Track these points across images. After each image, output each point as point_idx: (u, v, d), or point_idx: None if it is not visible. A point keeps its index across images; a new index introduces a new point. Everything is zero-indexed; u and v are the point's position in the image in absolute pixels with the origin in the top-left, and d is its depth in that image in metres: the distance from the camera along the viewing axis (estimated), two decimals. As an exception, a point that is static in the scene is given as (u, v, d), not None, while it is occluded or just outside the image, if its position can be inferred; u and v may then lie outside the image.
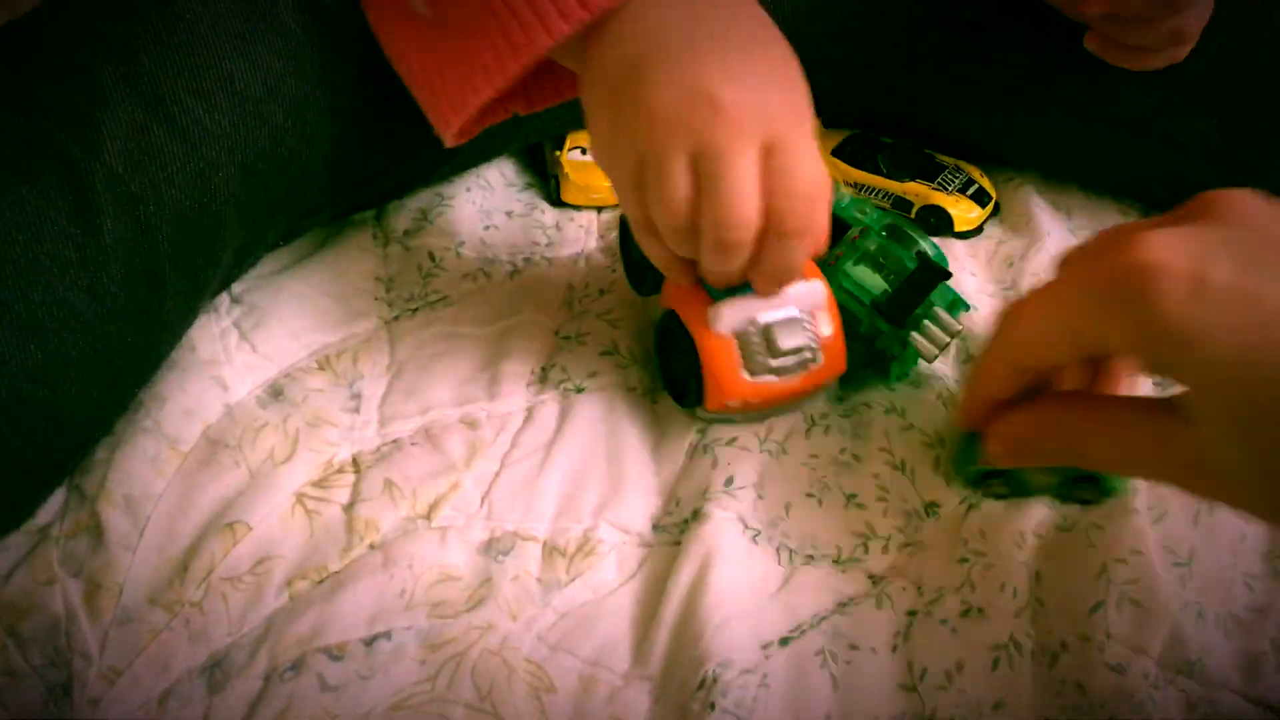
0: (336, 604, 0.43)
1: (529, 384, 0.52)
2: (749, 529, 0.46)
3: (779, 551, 0.46)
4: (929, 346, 0.50)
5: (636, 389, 0.52)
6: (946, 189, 0.62)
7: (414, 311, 0.55)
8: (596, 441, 0.49)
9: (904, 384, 0.53)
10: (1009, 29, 0.61)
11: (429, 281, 0.56)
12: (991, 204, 0.63)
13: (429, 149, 0.52)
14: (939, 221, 0.62)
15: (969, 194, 0.62)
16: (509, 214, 0.61)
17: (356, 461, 0.48)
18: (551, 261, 0.59)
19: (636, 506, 0.47)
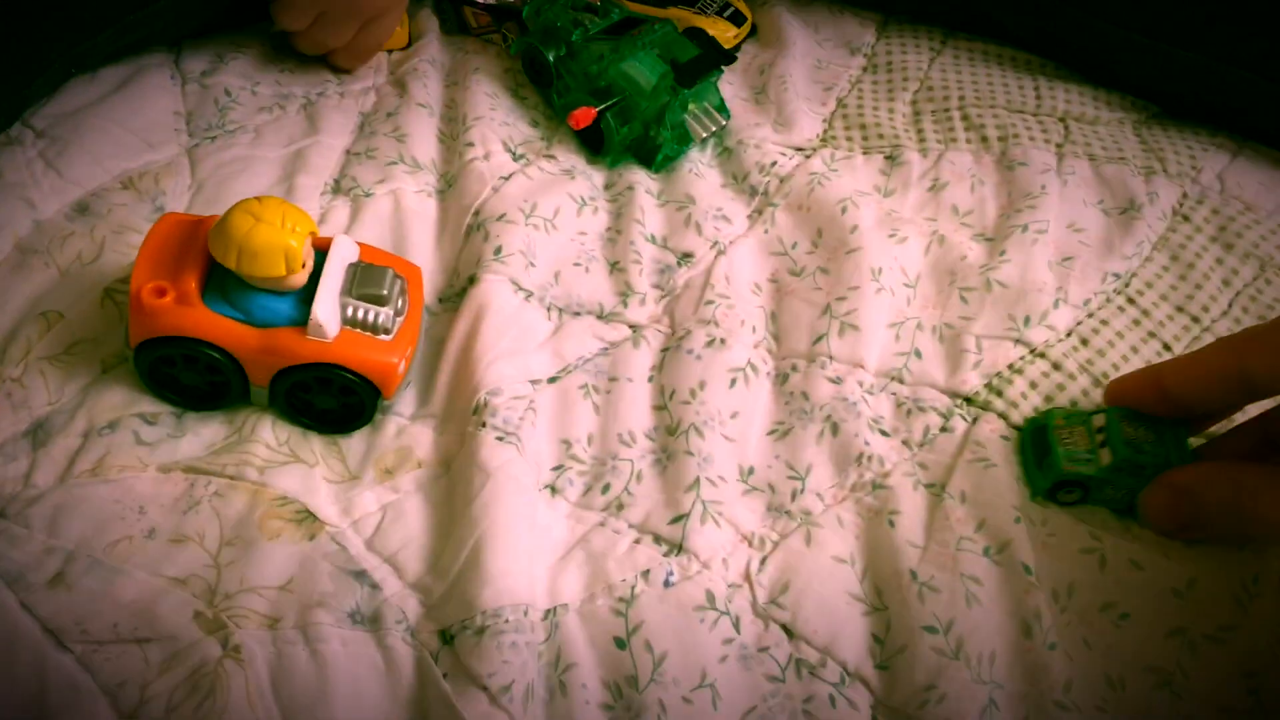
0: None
1: (322, 193, 0.57)
2: (521, 290, 0.53)
3: (549, 310, 0.53)
4: (699, 129, 0.59)
5: (423, 191, 0.58)
6: (705, 12, 0.69)
7: (212, 139, 0.59)
8: (384, 232, 0.55)
9: (662, 172, 0.60)
10: None
11: (225, 114, 0.60)
12: (748, 25, 0.70)
13: None
14: (700, 43, 0.68)
15: (725, 15, 0.69)
16: (301, 60, 0.66)
17: (163, 264, 0.53)
18: (344, 95, 0.64)
19: (424, 285, 0.53)
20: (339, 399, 0.47)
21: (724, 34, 0.68)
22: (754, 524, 0.47)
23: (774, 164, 0.61)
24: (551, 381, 0.50)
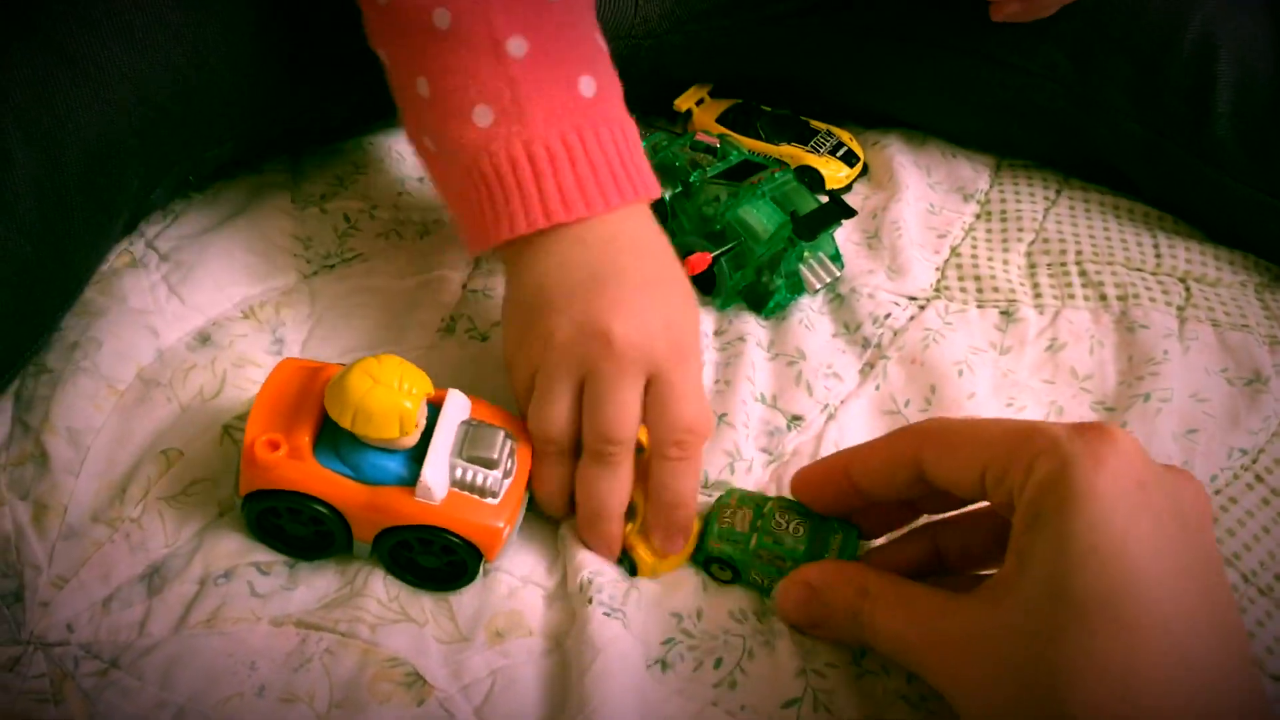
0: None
1: (437, 330, 0.57)
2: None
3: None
4: (813, 279, 0.59)
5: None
6: (818, 151, 0.68)
7: (331, 268, 0.60)
8: (496, 380, 0.55)
9: (772, 320, 0.60)
10: None
11: (345, 240, 0.61)
12: (860, 165, 0.69)
13: (331, 103, 0.59)
14: (812, 181, 0.68)
15: (839, 155, 0.69)
16: (421, 180, 0.66)
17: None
18: (459, 222, 0.64)
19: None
20: (441, 558, 0.46)
21: (836, 173, 0.68)
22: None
23: (888, 315, 0.60)
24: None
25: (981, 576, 0.45)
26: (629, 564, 0.48)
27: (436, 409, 0.46)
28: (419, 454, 0.45)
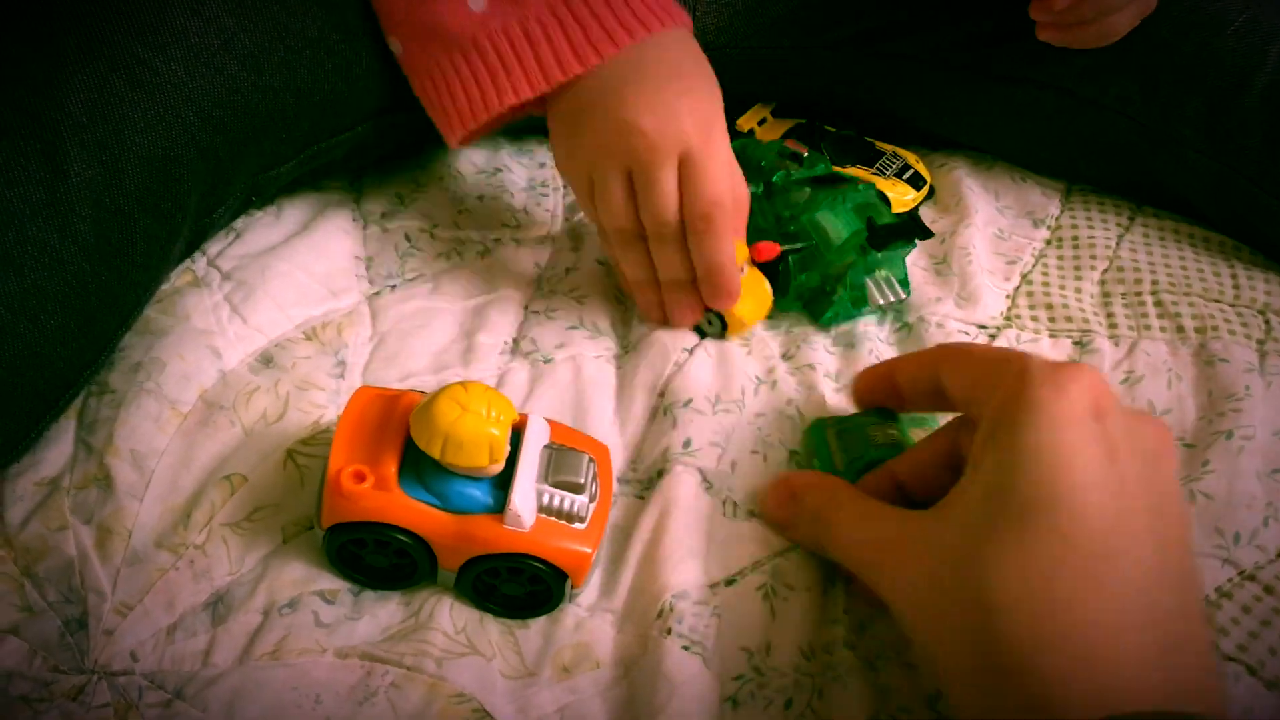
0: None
1: (501, 352, 0.56)
2: (705, 480, 0.51)
3: (724, 504, 0.51)
4: (877, 296, 0.58)
5: (602, 357, 0.56)
6: (884, 173, 0.67)
7: (393, 288, 0.59)
8: (564, 403, 0.54)
9: (840, 348, 0.58)
10: (931, 2, 0.67)
11: (406, 261, 0.60)
12: (926, 187, 0.68)
13: (386, 114, 0.60)
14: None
15: (905, 178, 0.67)
16: (480, 198, 0.66)
17: (342, 422, 0.52)
18: (520, 243, 0.63)
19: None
20: (526, 586, 0.45)
21: (902, 196, 0.67)
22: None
23: (958, 345, 0.58)
24: (729, 584, 0.48)
25: None
26: (718, 324, 0.56)
27: (517, 435, 0.46)
28: (503, 480, 0.44)
